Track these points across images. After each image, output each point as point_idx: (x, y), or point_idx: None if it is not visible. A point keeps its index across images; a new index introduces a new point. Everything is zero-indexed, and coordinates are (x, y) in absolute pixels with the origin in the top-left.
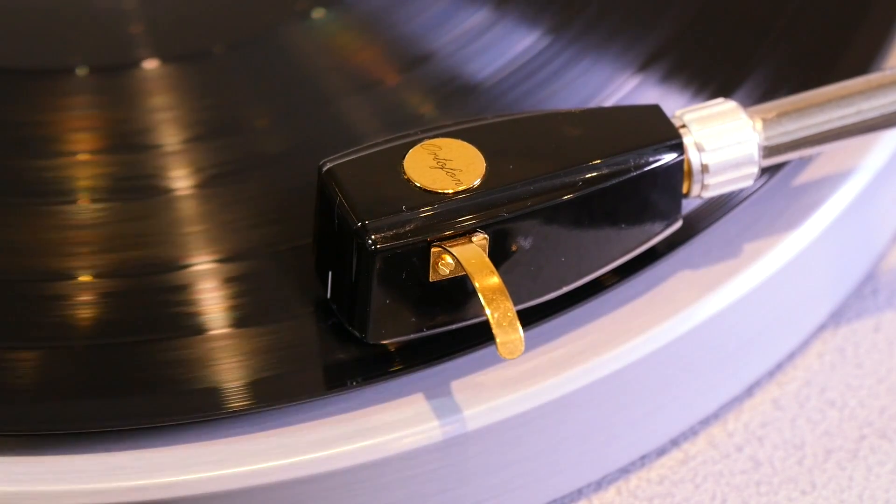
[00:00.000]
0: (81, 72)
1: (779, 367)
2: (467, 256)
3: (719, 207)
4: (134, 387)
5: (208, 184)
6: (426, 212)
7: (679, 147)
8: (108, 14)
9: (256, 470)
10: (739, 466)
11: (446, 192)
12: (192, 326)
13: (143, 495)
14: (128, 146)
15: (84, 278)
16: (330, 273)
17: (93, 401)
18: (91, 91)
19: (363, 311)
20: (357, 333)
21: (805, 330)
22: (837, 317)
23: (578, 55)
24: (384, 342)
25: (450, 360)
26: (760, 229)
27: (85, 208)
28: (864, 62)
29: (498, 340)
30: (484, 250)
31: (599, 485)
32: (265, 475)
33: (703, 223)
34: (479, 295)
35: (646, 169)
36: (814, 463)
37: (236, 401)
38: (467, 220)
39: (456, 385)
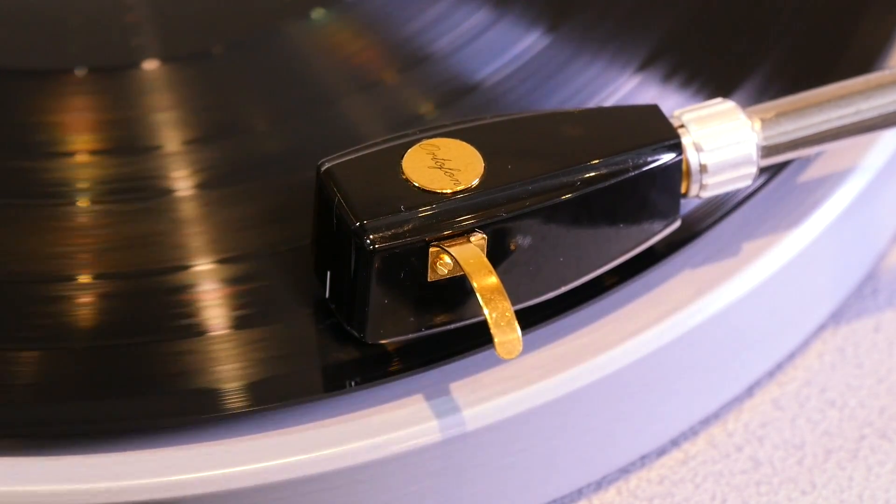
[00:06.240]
0: (81, 72)
1: (779, 367)
2: (465, 256)
3: (720, 207)
4: (133, 388)
5: (207, 185)
6: (424, 212)
7: (677, 147)
8: (107, 14)
9: (256, 470)
10: (739, 466)
11: (444, 191)
12: (191, 328)
13: (143, 495)
14: (127, 147)
15: (82, 279)
16: (329, 273)
17: (92, 401)
18: (91, 91)
19: (362, 310)
20: (356, 333)
21: (805, 330)
22: (837, 317)
23: (577, 55)
24: (383, 342)
25: (450, 360)
26: (760, 229)
27: (84, 209)
28: (864, 62)
29: (496, 340)
30: (482, 250)
31: (599, 485)
32: (265, 475)
33: (704, 223)
34: (477, 295)
35: (644, 169)
36: (814, 463)
37: (236, 401)
38: (466, 219)
39: (456, 385)
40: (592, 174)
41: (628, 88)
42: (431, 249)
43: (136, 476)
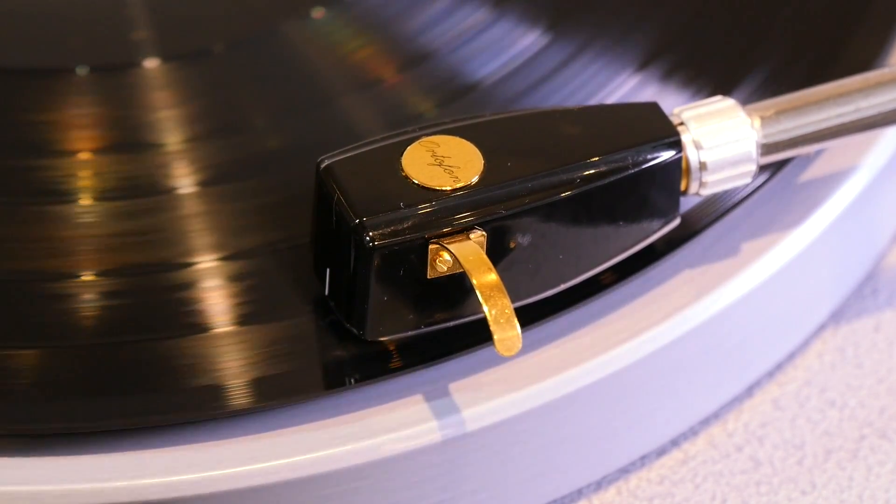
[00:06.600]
0: (82, 71)
1: (779, 367)
2: (465, 253)
3: (720, 206)
4: (132, 387)
5: (207, 183)
6: (424, 209)
7: (677, 144)
8: (108, 13)
9: (256, 470)
10: (739, 466)
11: (444, 189)
12: (189, 326)
13: (143, 495)
14: (128, 145)
15: (83, 277)
16: (328, 270)
17: (92, 400)
18: (92, 90)
19: (361, 308)
20: (355, 331)
21: (805, 330)
22: (837, 317)
23: (577, 53)
24: (382, 339)
25: (450, 359)
26: (761, 229)
27: (84, 207)
28: (864, 61)
29: (495, 337)
30: (482, 247)
31: (599, 485)
32: (265, 475)
33: (704, 222)
34: (477, 292)
35: (644, 166)
36: (814, 463)
37: (235, 400)
38: (465, 217)
39: (456, 385)
40: (592, 171)
41: (629, 87)
42: (431, 246)
43: (136, 476)
